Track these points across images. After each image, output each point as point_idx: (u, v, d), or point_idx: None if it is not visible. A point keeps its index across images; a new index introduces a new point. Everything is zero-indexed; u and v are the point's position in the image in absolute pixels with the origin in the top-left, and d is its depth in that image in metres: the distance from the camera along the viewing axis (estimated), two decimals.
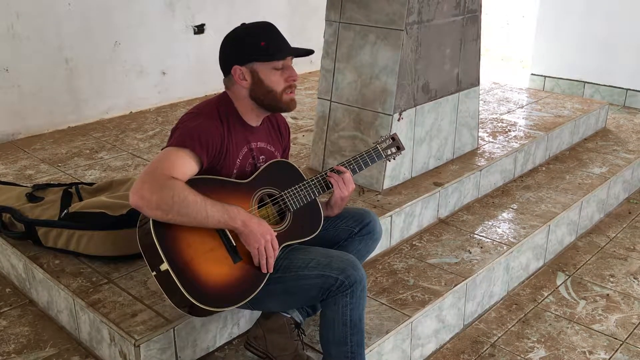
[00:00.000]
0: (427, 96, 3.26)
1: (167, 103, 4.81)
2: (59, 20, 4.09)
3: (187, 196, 1.79)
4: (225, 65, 2.04)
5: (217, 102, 2.06)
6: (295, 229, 2.06)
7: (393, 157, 2.36)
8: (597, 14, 5.82)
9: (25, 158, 3.70)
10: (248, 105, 2.05)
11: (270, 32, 2.02)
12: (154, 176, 1.80)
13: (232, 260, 1.90)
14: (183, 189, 1.80)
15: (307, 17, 5.67)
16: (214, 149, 1.94)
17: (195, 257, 1.85)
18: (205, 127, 1.94)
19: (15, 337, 2.35)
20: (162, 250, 1.80)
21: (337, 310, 1.96)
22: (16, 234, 2.62)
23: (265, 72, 1.99)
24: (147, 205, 1.77)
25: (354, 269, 1.94)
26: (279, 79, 2.01)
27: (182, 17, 4.78)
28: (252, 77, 2.00)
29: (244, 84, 2.01)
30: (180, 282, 1.80)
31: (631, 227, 3.80)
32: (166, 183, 1.78)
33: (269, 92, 2.01)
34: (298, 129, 4.15)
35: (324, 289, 1.94)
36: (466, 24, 3.41)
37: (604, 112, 4.76)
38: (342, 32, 3.18)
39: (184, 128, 1.94)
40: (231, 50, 2.02)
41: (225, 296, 1.88)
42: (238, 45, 2.00)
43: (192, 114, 2.00)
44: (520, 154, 3.82)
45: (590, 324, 2.88)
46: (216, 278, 1.87)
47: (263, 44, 1.97)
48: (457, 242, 3.07)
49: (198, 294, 1.82)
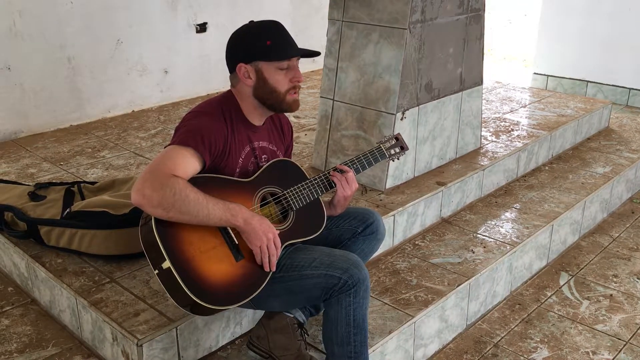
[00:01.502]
0: (430, 95, 3.25)
1: (169, 102, 4.80)
2: (61, 19, 4.09)
3: (189, 194, 1.78)
4: (231, 62, 2.04)
5: (220, 100, 2.05)
6: (297, 228, 2.05)
7: (397, 157, 2.35)
8: (599, 13, 5.81)
9: (28, 157, 3.69)
10: (251, 104, 2.05)
11: (278, 31, 2.01)
12: (155, 174, 1.80)
13: (234, 259, 1.90)
14: (185, 187, 1.79)
15: (310, 15, 5.66)
16: (216, 147, 1.93)
17: (197, 256, 1.84)
18: (208, 126, 1.93)
19: (17, 336, 2.35)
20: (164, 248, 1.80)
21: (340, 310, 1.95)
22: (18, 233, 2.62)
23: (269, 72, 1.98)
24: (149, 203, 1.77)
25: (357, 268, 1.94)
26: (284, 79, 2.00)
27: (185, 16, 4.77)
28: (256, 76, 1.99)
29: (248, 82, 2.00)
30: (182, 280, 1.79)
31: (634, 227, 3.79)
32: (168, 181, 1.78)
33: (273, 92, 2.00)
34: (300, 127, 4.15)
35: (327, 289, 1.93)
36: (469, 23, 3.40)
37: (607, 112, 4.75)
38: (345, 30, 3.17)
39: (187, 126, 1.93)
40: (237, 47, 2.01)
41: (227, 294, 1.87)
42: (244, 42, 2.00)
43: (196, 113, 1.99)
44: (523, 153, 3.81)
45: (594, 324, 2.87)
46: (218, 276, 1.86)
47: (269, 43, 1.96)
48: (460, 241, 3.06)
49: (200, 292, 1.81)
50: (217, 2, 4.93)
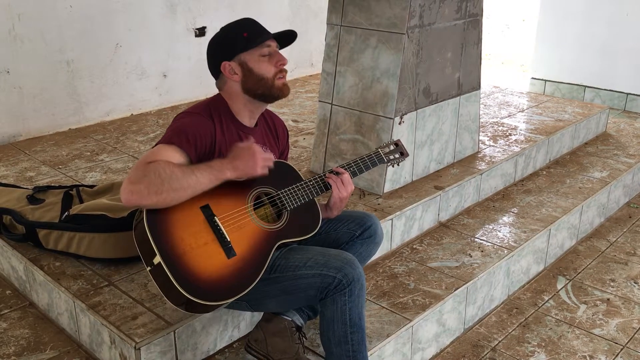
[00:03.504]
0: (428, 100, 3.26)
1: (168, 105, 4.81)
2: (60, 22, 4.09)
3: (173, 169, 1.80)
4: (214, 66, 2.08)
5: (209, 102, 2.08)
6: (292, 228, 2.05)
7: (396, 162, 2.35)
8: (597, 18, 5.83)
9: (26, 160, 3.70)
10: (241, 102, 2.07)
11: (250, 23, 2.07)
12: (136, 170, 1.82)
13: (226, 256, 1.89)
14: (166, 165, 1.81)
15: (308, 20, 5.67)
16: (202, 145, 1.95)
17: (189, 251, 1.84)
18: (193, 124, 1.96)
19: (15, 339, 2.35)
20: (154, 242, 1.80)
21: (336, 309, 1.95)
22: (17, 236, 2.62)
23: (253, 61, 2.02)
24: (139, 195, 1.77)
25: (352, 267, 1.94)
26: (268, 66, 2.03)
27: (184, 20, 4.78)
28: (242, 69, 2.03)
29: (235, 78, 2.04)
30: (173, 275, 1.79)
31: (631, 232, 3.80)
32: (147, 167, 1.80)
33: (261, 79, 2.03)
34: (299, 132, 4.16)
35: (322, 288, 1.93)
36: (467, 28, 3.42)
37: (604, 116, 4.76)
38: (343, 35, 3.19)
39: (173, 127, 1.97)
40: (216, 49, 2.07)
41: (218, 290, 1.86)
42: (222, 42, 2.05)
43: (183, 114, 2.04)
44: (521, 157, 3.82)
45: (591, 328, 2.88)
46: (210, 272, 1.86)
47: (245, 34, 2.02)
48: (457, 245, 3.06)
49: (191, 287, 1.81)
50: (216, 6, 4.95)
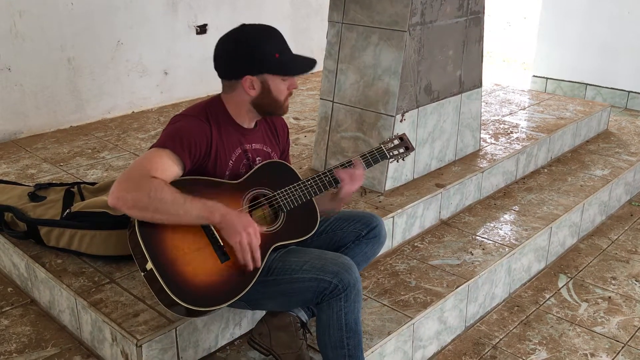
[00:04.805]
0: (430, 97, 3.26)
1: (169, 103, 4.81)
2: (62, 20, 4.09)
3: (165, 194, 1.78)
4: (233, 70, 2.00)
5: (206, 104, 2.05)
6: (288, 229, 2.03)
7: (401, 157, 2.32)
8: (599, 16, 5.82)
9: (27, 157, 3.70)
10: (244, 109, 2.05)
11: (279, 40, 2.01)
12: (130, 176, 1.81)
13: (219, 260, 1.88)
14: (161, 186, 1.78)
15: (309, 17, 5.67)
16: (197, 150, 1.93)
17: (181, 257, 1.83)
18: (188, 128, 1.93)
19: (16, 336, 2.35)
20: (145, 248, 1.79)
21: (331, 314, 1.95)
22: (18, 234, 2.62)
23: (275, 83, 2.00)
24: (124, 204, 1.77)
25: (348, 272, 1.93)
26: (284, 89, 2.02)
27: (185, 17, 4.78)
28: (261, 87, 1.99)
29: (251, 93, 2.00)
30: (164, 281, 1.78)
31: (633, 230, 3.79)
32: (142, 181, 1.78)
33: (275, 101, 2.02)
34: (300, 129, 4.15)
35: (318, 292, 1.93)
36: (469, 26, 3.41)
37: (606, 114, 4.76)
38: (345, 33, 3.18)
39: (168, 130, 1.95)
40: (242, 58, 1.97)
41: (210, 296, 1.85)
42: (251, 54, 1.96)
43: (179, 116, 2.01)
44: (522, 155, 3.82)
45: (592, 326, 2.88)
46: (203, 277, 1.85)
47: (277, 55, 1.97)
48: (459, 243, 3.06)
49: (182, 293, 1.80)
50: (218, 3, 4.94)
